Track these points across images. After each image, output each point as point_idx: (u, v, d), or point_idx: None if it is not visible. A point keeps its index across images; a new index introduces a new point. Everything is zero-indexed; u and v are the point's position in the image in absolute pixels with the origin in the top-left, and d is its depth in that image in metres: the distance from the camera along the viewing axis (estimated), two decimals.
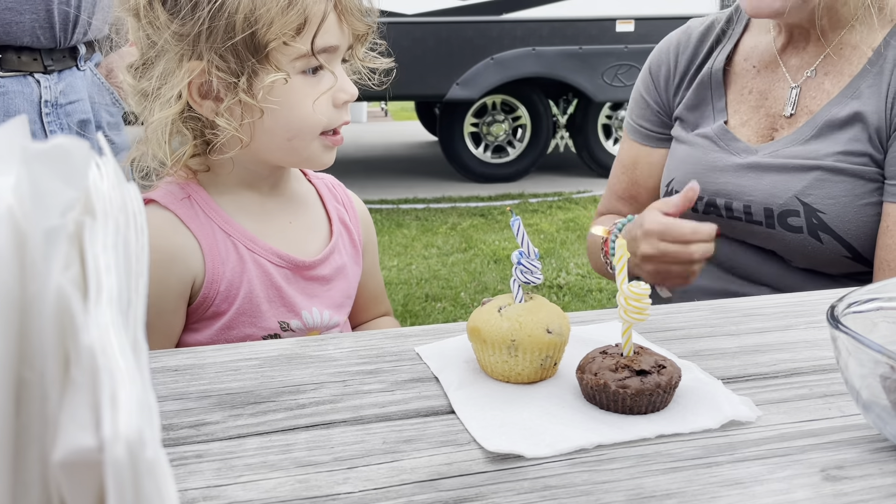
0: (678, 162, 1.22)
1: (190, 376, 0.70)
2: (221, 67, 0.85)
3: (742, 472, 0.54)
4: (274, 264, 0.93)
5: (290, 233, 0.97)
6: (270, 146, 0.90)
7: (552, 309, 0.69)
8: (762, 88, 1.18)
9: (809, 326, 0.81)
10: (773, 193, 1.09)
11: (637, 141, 1.31)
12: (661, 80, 1.27)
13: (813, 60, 1.14)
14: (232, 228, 0.92)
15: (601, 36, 5.95)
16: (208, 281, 0.90)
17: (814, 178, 1.07)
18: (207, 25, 0.84)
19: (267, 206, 0.96)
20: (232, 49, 0.84)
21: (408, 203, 5.58)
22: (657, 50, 1.31)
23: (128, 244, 0.32)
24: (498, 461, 0.55)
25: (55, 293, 0.27)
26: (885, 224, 1.04)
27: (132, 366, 0.26)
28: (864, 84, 1.07)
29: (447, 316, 3.40)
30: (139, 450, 0.23)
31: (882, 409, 0.54)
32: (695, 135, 1.21)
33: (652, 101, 1.29)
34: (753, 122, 1.17)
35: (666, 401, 0.62)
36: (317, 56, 0.87)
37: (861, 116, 1.06)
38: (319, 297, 0.98)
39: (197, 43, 0.85)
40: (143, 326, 0.31)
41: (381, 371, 0.71)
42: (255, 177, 0.95)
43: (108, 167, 0.36)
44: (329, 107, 0.89)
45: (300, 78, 0.88)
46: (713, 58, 1.22)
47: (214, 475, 0.54)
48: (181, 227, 0.89)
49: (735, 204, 1.13)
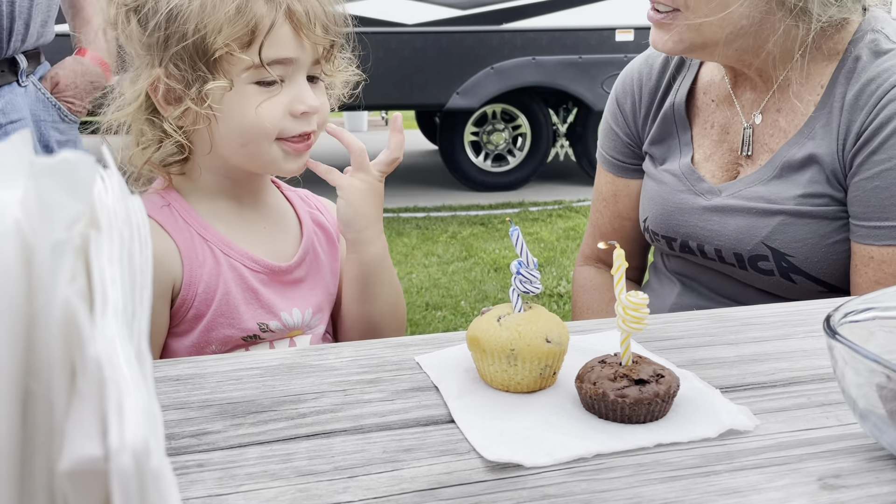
0: (649, 200, 1.22)
1: (191, 386, 0.71)
2: (174, 74, 0.89)
3: (740, 480, 0.54)
4: (249, 268, 0.97)
5: (266, 238, 1.01)
6: (228, 151, 0.93)
7: (551, 318, 0.69)
8: (722, 123, 1.17)
9: (808, 336, 0.82)
10: (741, 239, 1.09)
11: (613, 174, 1.30)
12: (629, 113, 1.26)
13: (761, 99, 1.12)
14: (209, 233, 0.95)
15: (601, 45, 5.97)
16: (186, 283, 0.93)
17: (778, 222, 1.06)
18: (163, 33, 0.89)
19: (243, 213, 1.00)
20: (184, 56, 0.88)
21: (408, 212, 5.59)
22: (620, 82, 1.29)
23: (132, 256, 0.33)
24: (497, 470, 0.56)
25: (62, 305, 0.27)
26: (854, 263, 1.03)
27: (137, 376, 0.26)
28: (818, 124, 1.05)
29: (447, 324, 3.40)
30: (145, 459, 0.24)
31: (879, 418, 0.54)
32: (663, 170, 1.20)
33: (622, 133, 1.27)
34: (717, 158, 1.16)
35: (664, 410, 0.63)
36: (266, 67, 0.89)
37: (816, 158, 1.04)
38: (298, 299, 1.01)
39: (156, 51, 0.90)
40: (147, 337, 0.32)
41: (381, 380, 0.72)
42: (231, 185, 0.98)
43: (113, 180, 0.36)
44: (284, 116, 0.91)
45: (253, 88, 0.90)
46: (675, 89, 1.21)
47: (216, 484, 0.54)
48: (161, 232, 0.93)
49: (707, 247, 1.13)
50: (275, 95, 0.90)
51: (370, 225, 0.98)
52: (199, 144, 0.95)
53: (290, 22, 0.90)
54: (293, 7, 0.90)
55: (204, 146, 0.94)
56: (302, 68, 0.92)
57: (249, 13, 0.87)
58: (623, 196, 1.30)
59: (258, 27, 0.88)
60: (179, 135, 0.92)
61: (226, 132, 0.92)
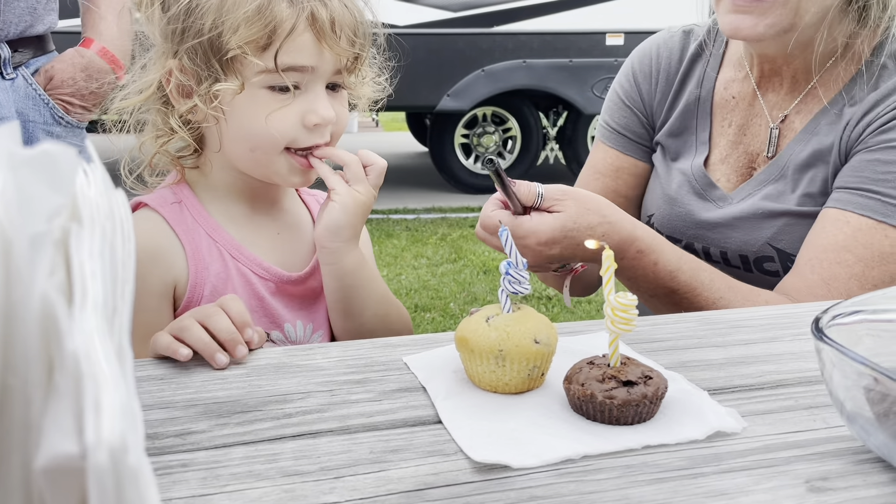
0: (657, 198, 1.20)
1: (176, 385, 0.70)
2: (188, 68, 0.87)
3: (727, 483, 0.54)
4: (258, 275, 0.94)
5: (279, 245, 0.97)
6: (235, 154, 0.91)
7: (540, 319, 0.69)
8: (740, 123, 1.15)
9: (795, 338, 0.82)
10: (747, 241, 1.09)
11: (619, 150, 1.25)
12: (645, 93, 1.22)
13: (790, 99, 1.11)
14: (219, 235, 0.93)
15: (591, 49, 5.99)
16: (192, 284, 0.90)
17: (782, 223, 1.06)
18: (181, 24, 0.86)
19: (256, 217, 0.97)
20: (198, 51, 0.86)
21: (398, 213, 5.58)
22: (638, 59, 1.24)
23: (114, 251, 0.32)
24: (485, 471, 0.55)
25: (40, 299, 0.27)
26: (822, 224, 1.01)
27: (116, 372, 0.26)
28: (823, 121, 1.06)
29: (436, 326, 3.40)
30: (122, 456, 0.23)
31: (866, 420, 0.54)
32: (675, 168, 1.18)
33: (637, 111, 1.23)
34: (732, 160, 1.15)
35: (652, 411, 0.63)
36: (280, 73, 0.85)
37: (820, 154, 1.04)
38: (305, 312, 0.98)
39: (173, 41, 0.87)
40: (128, 333, 0.31)
41: (368, 381, 0.71)
42: (245, 184, 0.95)
43: (96, 174, 0.36)
44: (296, 126, 0.88)
45: (266, 93, 0.87)
46: (697, 78, 1.18)
47: (200, 484, 0.54)
48: (167, 229, 0.91)
49: (712, 250, 1.13)
50: (288, 104, 0.87)
51: (354, 236, 0.93)
52: (210, 140, 0.92)
53: (313, 28, 0.85)
54: (317, 13, 0.85)
55: (214, 144, 0.92)
56: (321, 77, 0.88)
57: (269, 15, 0.83)
58: (626, 174, 1.24)
59: (277, 30, 0.84)
60: (184, 131, 0.89)
61: (234, 134, 0.89)
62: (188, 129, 0.91)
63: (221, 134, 0.90)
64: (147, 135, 0.93)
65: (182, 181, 0.95)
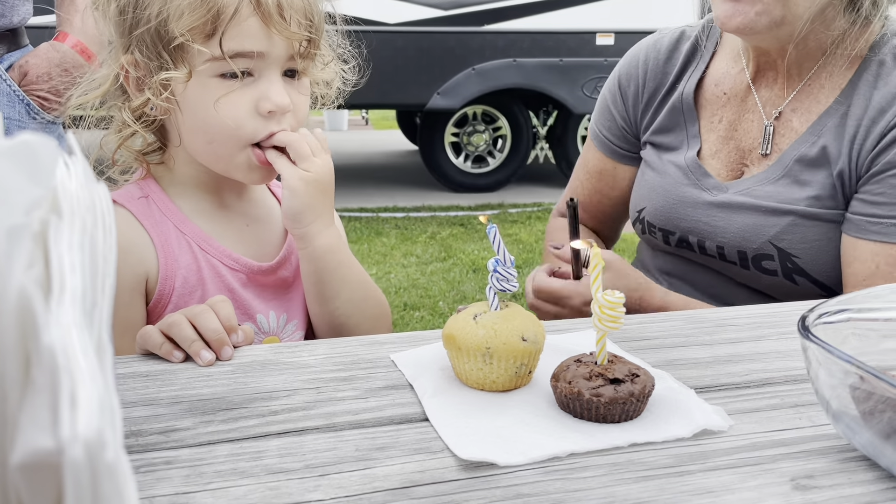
0: (648, 190, 1.20)
1: (161, 382, 0.69)
2: (140, 62, 0.87)
3: (713, 480, 0.54)
4: (228, 267, 0.94)
5: (247, 235, 0.97)
6: (195, 148, 0.91)
7: (527, 317, 0.69)
8: (732, 119, 1.15)
9: (782, 337, 0.82)
10: (747, 237, 1.08)
11: (602, 153, 1.28)
12: (629, 98, 1.23)
13: (784, 95, 1.11)
14: (187, 228, 0.93)
15: (581, 49, 5.99)
16: (162, 277, 0.90)
17: (788, 222, 1.05)
18: (131, 16, 0.86)
19: (224, 209, 0.97)
20: (147, 41, 0.85)
21: (387, 212, 5.57)
22: (627, 62, 1.25)
23: (95, 244, 0.32)
24: (471, 469, 0.55)
25: (17, 292, 0.26)
26: (853, 257, 1.02)
27: (94, 366, 0.25)
28: (829, 122, 1.05)
29: (425, 325, 3.39)
30: (98, 451, 0.23)
31: (851, 419, 0.54)
32: (667, 161, 1.18)
33: (618, 116, 1.25)
34: (723, 155, 1.15)
35: (639, 409, 0.62)
36: (228, 59, 0.84)
37: (827, 157, 1.04)
38: (277, 302, 0.97)
39: (126, 34, 0.87)
40: (108, 328, 0.30)
41: (355, 378, 0.71)
42: (211, 178, 0.95)
43: (77, 166, 0.35)
44: (250, 114, 0.87)
45: (216, 81, 0.85)
46: (684, 80, 1.19)
47: (183, 482, 0.53)
48: (134, 223, 0.90)
49: (708, 244, 1.12)
50: (236, 90, 0.85)
51: (318, 218, 0.90)
52: (171, 135, 0.92)
53: (258, 12, 0.84)
54: None
55: (175, 138, 0.92)
56: (274, 63, 0.87)
57: (212, 0, 0.82)
58: (608, 177, 1.28)
59: (220, 16, 0.83)
60: (138, 125, 0.88)
61: (191, 125, 0.88)
62: (146, 122, 0.90)
63: (179, 126, 0.89)
64: (110, 131, 0.92)
65: (148, 176, 0.95)
